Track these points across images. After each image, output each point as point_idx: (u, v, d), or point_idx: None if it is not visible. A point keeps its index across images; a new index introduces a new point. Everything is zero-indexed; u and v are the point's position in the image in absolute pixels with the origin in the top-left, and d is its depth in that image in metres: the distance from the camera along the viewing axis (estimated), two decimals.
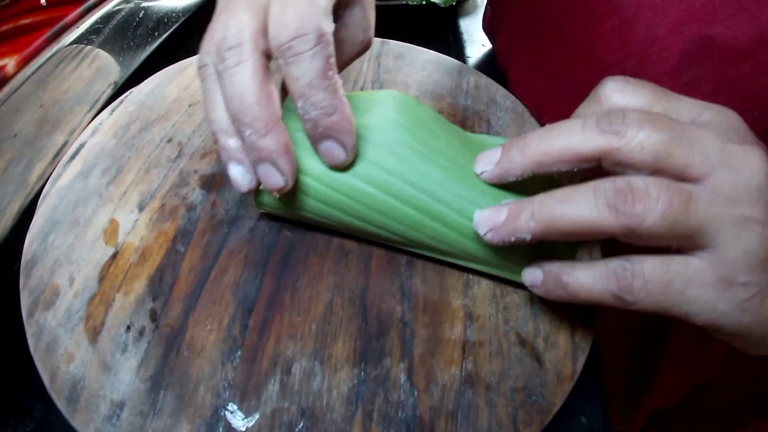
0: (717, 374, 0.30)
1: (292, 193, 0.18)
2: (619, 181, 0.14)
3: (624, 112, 0.15)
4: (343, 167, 0.17)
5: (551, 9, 0.28)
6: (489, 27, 0.39)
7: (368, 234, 0.19)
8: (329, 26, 0.15)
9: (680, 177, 0.14)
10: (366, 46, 0.20)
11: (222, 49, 0.15)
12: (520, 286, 0.19)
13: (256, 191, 0.18)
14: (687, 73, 0.22)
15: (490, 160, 0.17)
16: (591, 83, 0.17)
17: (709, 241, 0.14)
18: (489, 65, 0.40)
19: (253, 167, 0.16)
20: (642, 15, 0.23)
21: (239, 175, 0.17)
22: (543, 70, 0.29)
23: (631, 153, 0.14)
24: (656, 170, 0.14)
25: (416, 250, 0.19)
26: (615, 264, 0.15)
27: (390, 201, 0.17)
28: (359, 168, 0.17)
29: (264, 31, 0.15)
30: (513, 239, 0.16)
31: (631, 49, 0.24)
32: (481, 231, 0.17)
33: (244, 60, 0.15)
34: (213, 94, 0.16)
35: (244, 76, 0.15)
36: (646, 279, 0.14)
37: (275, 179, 0.16)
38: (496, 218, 0.16)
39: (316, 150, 0.17)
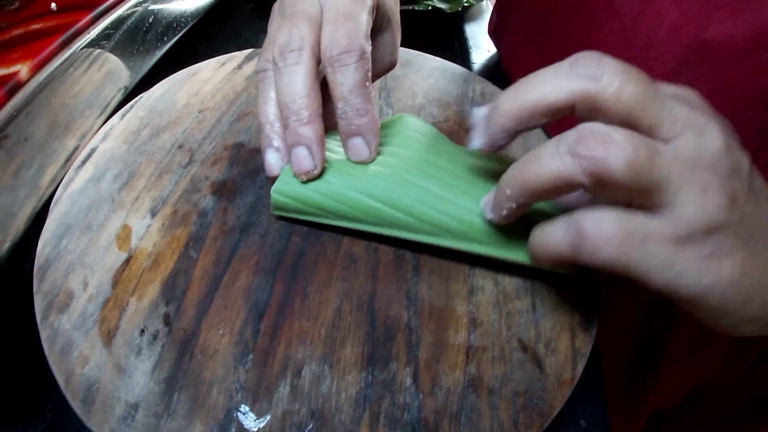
0: (717, 377, 0.31)
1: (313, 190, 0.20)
2: (582, 128, 0.14)
3: (599, 58, 0.14)
4: (365, 163, 0.20)
5: (554, 14, 0.28)
6: (494, 32, 0.39)
7: (379, 221, 0.19)
8: (368, 47, 0.18)
9: (648, 135, 0.14)
10: (392, 66, 0.23)
11: (285, 50, 0.18)
12: (524, 270, 0.20)
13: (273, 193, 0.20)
14: (685, 75, 0.23)
15: (478, 133, 0.17)
16: None
17: (670, 199, 0.14)
18: (494, 71, 0.41)
19: (289, 152, 0.19)
20: (641, 20, 0.24)
21: (274, 160, 0.20)
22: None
23: (607, 100, 0.14)
24: (627, 124, 0.14)
25: (422, 238, 0.19)
26: (577, 214, 0.15)
27: (398, 188, 0.19)
28: (374, 164, 0.20)
29: (318, 43, 0.18)
30: (505, 212, 0.16)
31: (631, 54, 0.24)
32: (485, 214, 0.18)
33: (303, 61, 0.18)
34: (267, 92, 0.20)
35: (300, 73, 0.18)
36: (606, 230, 0.14)
37: (306, 163, 0.19)
38: (489, 197, 0.18)
39: (345, 146, 0.20)
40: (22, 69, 0.23)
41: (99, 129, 0.26)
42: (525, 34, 0.32)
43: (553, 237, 0.16)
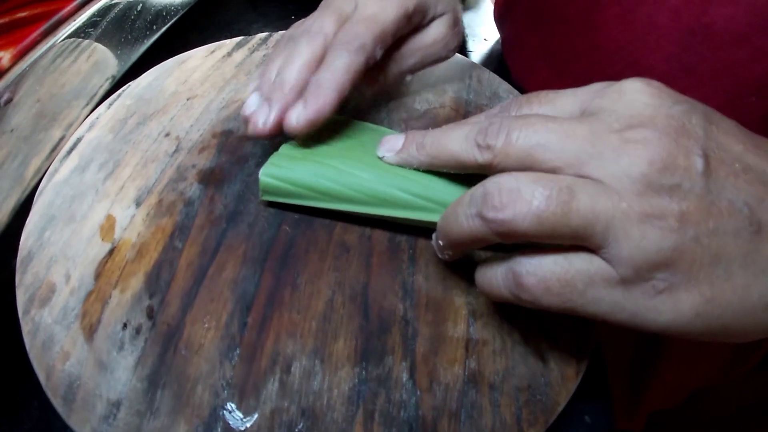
0: (718, 379, 0.30)
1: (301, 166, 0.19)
2: (489, 184, 0.14)
3: (501, 122, 0.14)
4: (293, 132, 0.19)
5: None
6: (499, 16, 0.39)
7: (369, 198, 0.19)
8: (372, 47, 0.20)
9: (566, 173, 0.14)
10: (443, 57, 0.24)
11: (305, 32, 0.20)
12: None
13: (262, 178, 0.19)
14: (684, 59, 0.23)
15: (392, 147, 0.18)
16: (594, 70, 0.17)
17: (602, 240, 0.13)
18: (491, 60, 0.40)
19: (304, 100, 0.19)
20: (642, 3, 0.24)
21: (254, 101, 0.20)
22: (549, 57, 0.29)
23: (501, 165, 0.14)
24: (538, 169, 0.14)
25: (414, 214, 0.18)
26: (514, 260, 0.14)
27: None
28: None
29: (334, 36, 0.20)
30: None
31: (631, 37, 0.24)
32: (380, 152, 0.19)
33: (311, 44, 0.19)
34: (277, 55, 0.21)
35: (304, 52, 0.19)
36: (543, 278, 0.13)
37: (261, 117, 0.19)
38: (395, 143, 0.18)
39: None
40: (4, 56, 0.23)
41: (86, 119, 0.25)
42: (529, 16, 0.31)
43: (494, 282, 0.15)
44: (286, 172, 0.19)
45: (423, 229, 0.19)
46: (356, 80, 0.19)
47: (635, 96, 0.14)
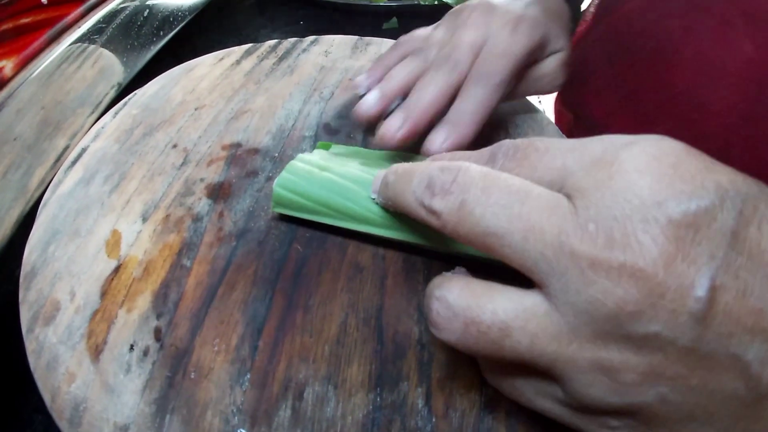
0: None
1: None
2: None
3: (455, 177, 0.12)
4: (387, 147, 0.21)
5: (632, 28, 0.27)
6: (575, 42, 0.38)
7: (385, 221, 0.18)
8: (482, 77, 0.20)
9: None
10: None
11: (444, 58, 0.21)
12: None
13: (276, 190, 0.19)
14: (752, 110, 0.22)
15: (375, 187, 0.17)
16: (660, 108, 0.16)
17: (544, 370, 0.11)
18: None
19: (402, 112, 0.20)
20: (716, 46, 0.23)
21: (374, 99, 0.21)
22: (618, 87, 0.29)
23: (454, 237, 0.12)
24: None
25: (430, 243, 0.18)
26: (430, 284, 0.13)
27: None
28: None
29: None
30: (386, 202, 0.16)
31: (701, 79, 0.23)
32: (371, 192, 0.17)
33: (448, 76, 0.21)
34: (404, 65, 0.22)
35: (440, 85, 0.21)
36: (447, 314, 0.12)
37: (395, 122, 0.20)
38: (377, 182, 0.17)
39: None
40: (7, 65, 0.22)
41: (91, 128, 0.25)
42: (603, 46, 0.31)
43: (424, 307, 0.14)
44: (300, 185, 0.18)
45: (438, 253, 0.19)
46: (491, 113, 0.20)
47: (632, 180, 0.10)
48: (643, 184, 0.10)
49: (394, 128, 0.20)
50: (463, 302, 0.12)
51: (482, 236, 0.11)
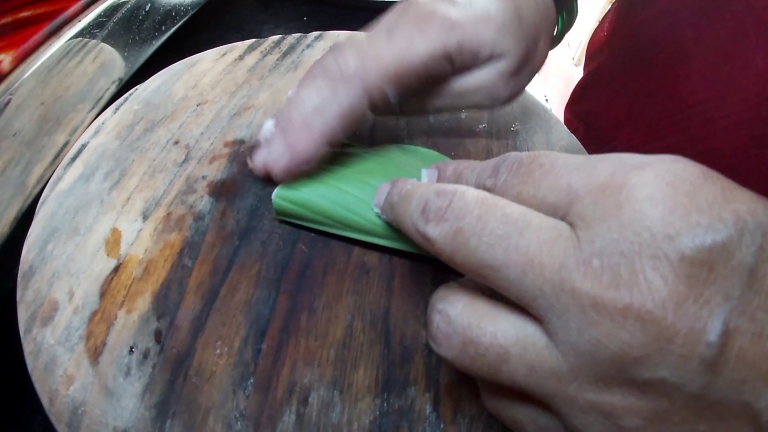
0: None
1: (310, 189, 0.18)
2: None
3: (451, 200, 0.11)
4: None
5: (643, 41, 0.27)
6: (589, 54, 0.38)
7: (388, 233, 0.18)
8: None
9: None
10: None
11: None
12: None
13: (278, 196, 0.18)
14: (761, 127, 0.21)
15: (378, 201, 0.16)
16: (669, 120, 0.15)
17: (539, 399, 0.11)
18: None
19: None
20: (728, 60, 0.22)
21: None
22: (629, 96, 0.28)
23: (450, 263, 0.12)
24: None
25: (405, 247, 0.18)
26: (433, 296, 0.13)
27: None
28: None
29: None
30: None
31: (711, 93, 0.23)
32: (373, 205, 0.17)
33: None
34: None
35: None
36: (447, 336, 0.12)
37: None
38: (380, 196, 0.16)
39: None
40: (5, 59, 0.21)
41: (91, 123, 0.24)
42: (616, 57, 0.30)
43: (427, 318, 0.13)
44: (301, 195, 0.18)
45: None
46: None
47: (643, 210, 0.09)
48: (655, 215, 0.09)
49: (257, 161, 0.17)
50: (464, 320, 0.11)
51: (477, 267, 0.11)
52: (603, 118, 0.29)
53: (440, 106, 0.20)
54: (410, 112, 0.20)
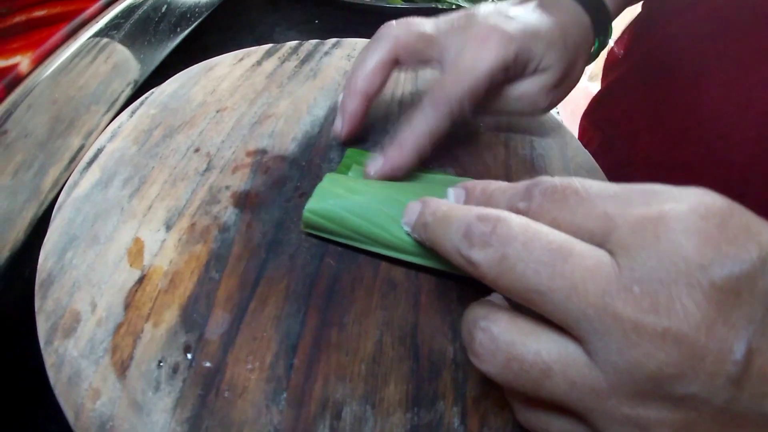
0: None
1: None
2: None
3: (494, 227, 0.12)
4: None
5: (670, 51, 0.27)
6: (608, 65, 0.38)
7: (419, 251, 0.18)
8: (460, 104, 0.19)
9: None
10: (524, 115, 0.23)
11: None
12: None
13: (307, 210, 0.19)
14: None
15: (409, 220, 0.17)
16: (685, 134, 0.16)
17: (578, 413, 0.12)
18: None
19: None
20: (746, 76, 0.23)
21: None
22: (647, 107, 0.29)
23: (494, 287, 0.12)
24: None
25: (435, 265, 0.18)
26: (470, 312, 0.13)
27: None
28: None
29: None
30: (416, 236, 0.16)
31: (728, 108, 0.23)
32: (402, 224, 0.17)
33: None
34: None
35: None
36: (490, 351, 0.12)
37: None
38: (411, 215, 0.16)
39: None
40: (23, 61, 0.21)
41: (106, 127, 0.24)
42: (637, 68, 0.30)
43: (464, 333, 0.13)
44: (331, 210, 0.18)
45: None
46: (438, 140, 0.19)
47: (679, 242, 0.10)
48: (690, 246, 0.10)
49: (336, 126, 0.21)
50: (508, 337, 0.12)
51: (523, 291, 0.11)
52: (621, 128, 0.30)
53: (499, 109, 0.22)
54: (464, 116, 0.22)
